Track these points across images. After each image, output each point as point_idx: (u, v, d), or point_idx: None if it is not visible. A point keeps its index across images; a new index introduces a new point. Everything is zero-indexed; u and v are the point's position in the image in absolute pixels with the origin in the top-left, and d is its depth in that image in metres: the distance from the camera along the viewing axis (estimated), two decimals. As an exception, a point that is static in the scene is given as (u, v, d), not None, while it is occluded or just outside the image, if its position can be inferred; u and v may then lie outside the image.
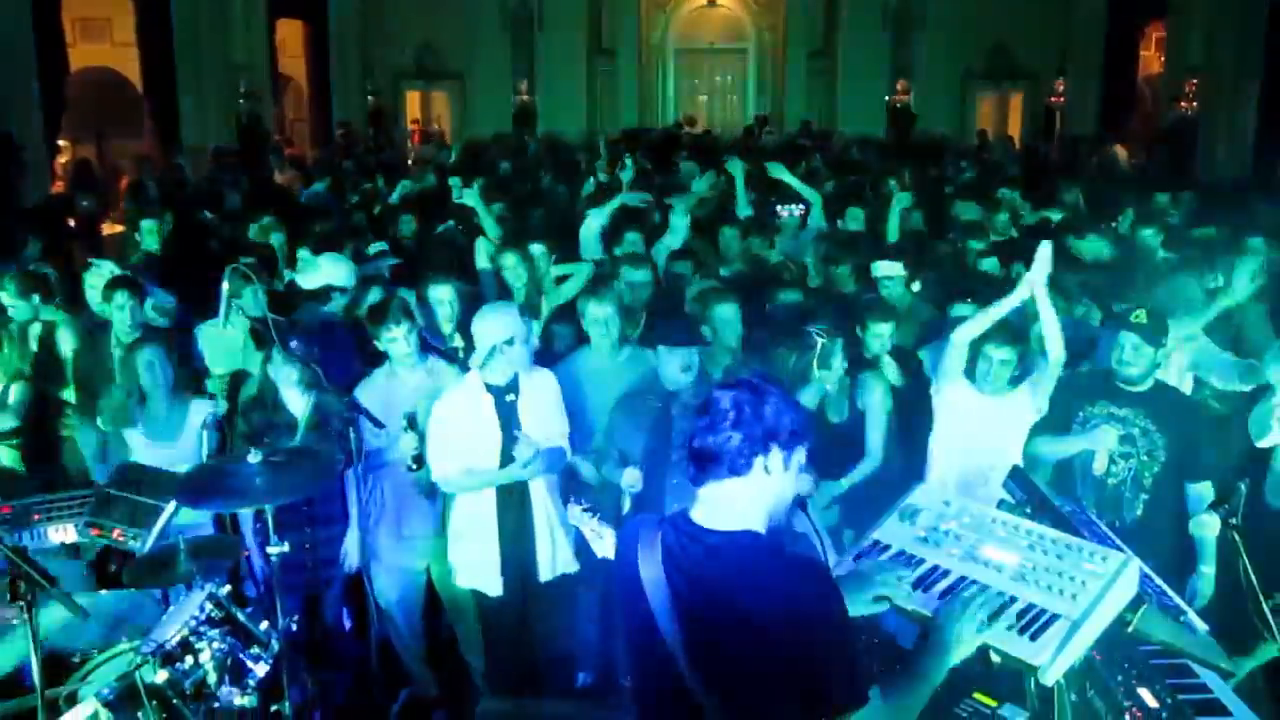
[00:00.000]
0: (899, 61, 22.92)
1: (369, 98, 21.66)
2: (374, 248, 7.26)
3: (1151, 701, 3.06)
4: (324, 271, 5.82)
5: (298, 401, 4.79)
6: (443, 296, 5.55)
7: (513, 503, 4.58)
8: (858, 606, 2.68)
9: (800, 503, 2.64)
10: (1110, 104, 18.83)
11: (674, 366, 4.46)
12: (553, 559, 4.66)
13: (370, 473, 4.80)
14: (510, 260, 6.16)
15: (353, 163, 13.99)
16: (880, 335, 5.23)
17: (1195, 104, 15.61)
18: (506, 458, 4.42)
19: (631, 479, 4.52)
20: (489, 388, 4.49)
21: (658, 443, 4.47)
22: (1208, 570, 4.40)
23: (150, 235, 7.59)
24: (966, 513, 3.11)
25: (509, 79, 23.39)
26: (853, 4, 22.70)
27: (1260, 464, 4.34)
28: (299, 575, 4.74)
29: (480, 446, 4.49)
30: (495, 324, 4.40)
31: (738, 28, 24.56)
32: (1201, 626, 2.93)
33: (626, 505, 4.73)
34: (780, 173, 8.20)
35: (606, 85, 23.87)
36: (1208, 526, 4.10)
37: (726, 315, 5.08)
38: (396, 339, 4.75)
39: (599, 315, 5.01)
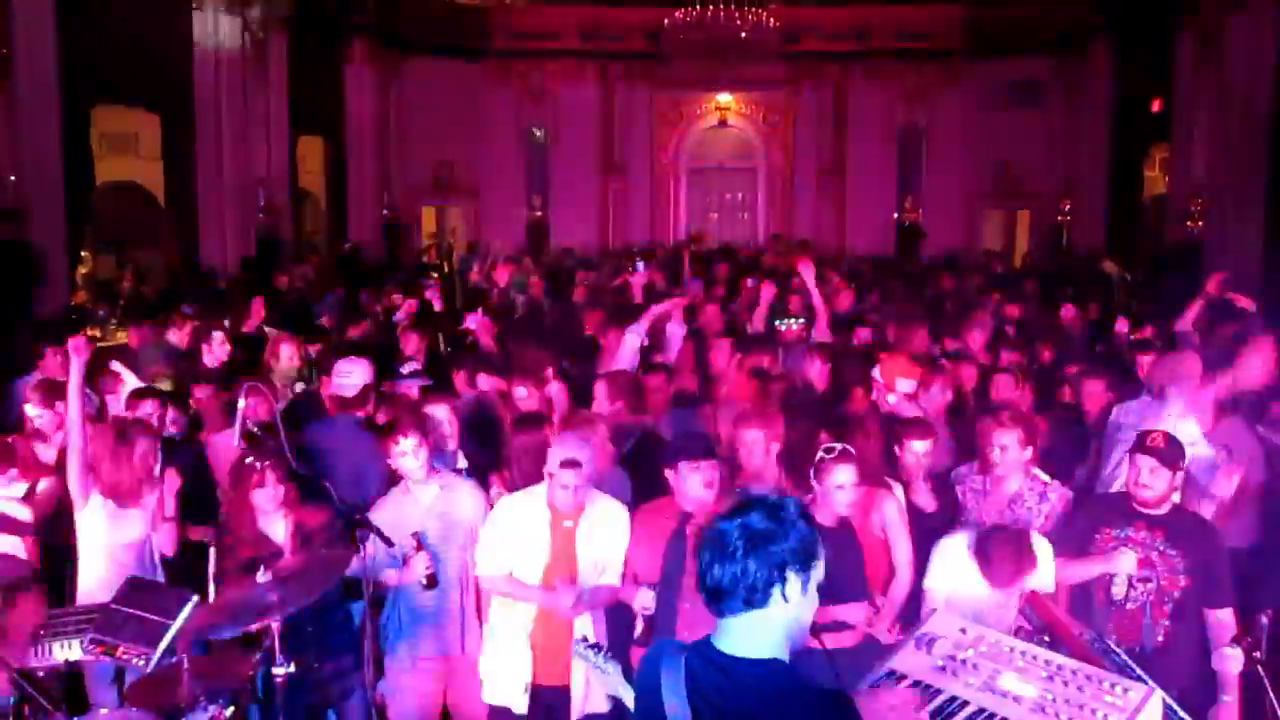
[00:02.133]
0: (906, 180, 23.34)
1: (385, 212, 22.04)
2: (407, 366, 7.29)
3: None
4: (359, 376, 5.83)
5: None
6: (440, 415, 5.58)
7: (552, 629, 4.54)
8: None
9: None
10: (1116, 222, 19.09)
11: (696, 483, 4.42)
12: (585, 695, 4.57)
13: (389, 594, 4.79)
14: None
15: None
16: (916, 453, 5.23)
17: (1200, 223, 15.81)
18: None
19: (644, 601, 4.47)
20: (552, 507, 4.51)
21: (672, 564, 4.41)
22: (1230, 699, 4.29)
23: None
24: (984, 641, 3.08)
25: (523, 195, 23.85)
26: (861, 123, 23.22)
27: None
28: (309, 696, 4.66)
29: (528, 561, 4.51)
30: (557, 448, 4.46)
31: (748, 147, 25.08)
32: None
33: (639, 628, 4.67)
34: (807, 275, 8.19)
35: (618, 201, 24.31)
36: (1231, 660, 4.02)
37: (754, 435, 5.06)
38: (406, 453, 4.75)
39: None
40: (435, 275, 14.82)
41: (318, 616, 4.33)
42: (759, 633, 2.35)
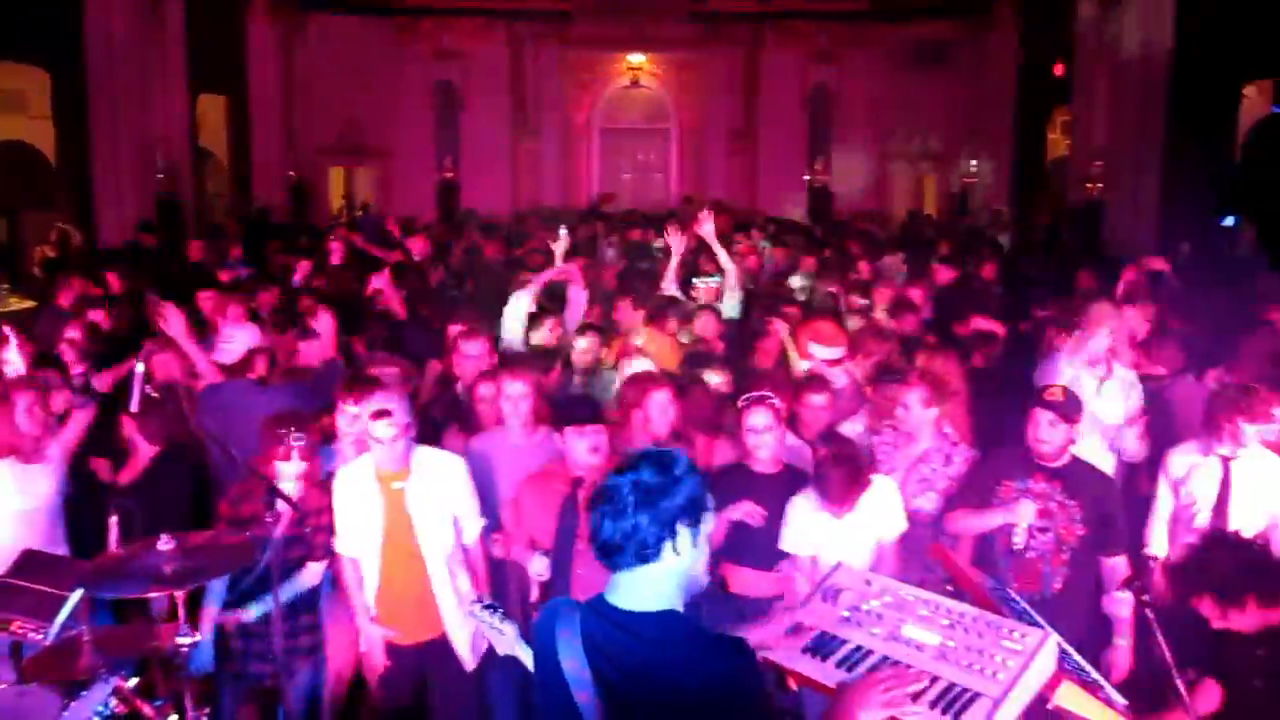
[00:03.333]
0: (817, 142, 23.51)
1: (290, 174, 21.53)
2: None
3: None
4: (239, 339, 5.76)
5: None
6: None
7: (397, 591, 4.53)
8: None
9: None
10: (1020, 184, 19.50)
11: (582, 448, 4.43)
12: (474, 649, 4.58)
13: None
14: None
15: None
16: (813, 407, 5.35)
17: (1100, 184, 16.21)
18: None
19: (539, 567, 4.48)
20: (376, 471, 4.45)
21: (565, 529, 4.43)
22: (1123, 643, 4.47)
23: None
24: (888, 592, 3.14)
25: (433, 157, 23.49)
26: (771, 85, 23.28)
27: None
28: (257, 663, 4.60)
29: (366, 530, 4.48)
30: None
31: (660, 108, 24.99)
32: (1120, 701, 2.96)
33: (534, 593, 4.68)
34: (710, 238, 8.21)
35: (530, 163, 24.06)
36: (1122, 604, 4.17)
37: (661, 400, 5.07)
38: (346, 415, 4.72)
39: (512, 393, 5.00)
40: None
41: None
42: (652, 586, 2.38)
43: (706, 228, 8.01)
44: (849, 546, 4.36)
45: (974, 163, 21.54)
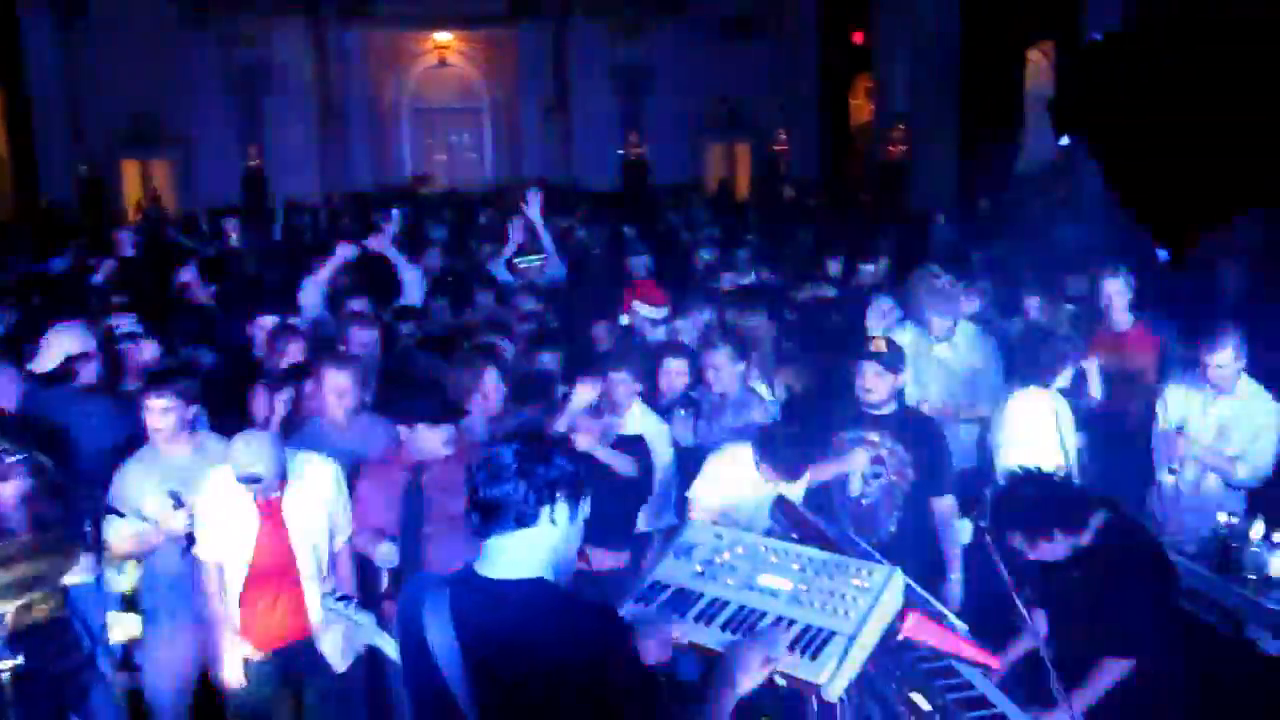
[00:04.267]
0: (631, 115, 23.65)
1: (81, 168, 20.29)
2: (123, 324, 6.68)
3: (924, 704, 3.23)
4: (56, 346, 5.38)
5: None
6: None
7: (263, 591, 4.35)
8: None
9: None
10: (828, 150, 20.11)
11: (435, 442, 4.36)
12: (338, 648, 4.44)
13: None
14: None
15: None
16: (670, 372, 5.44)
17: (903, 147, 16.89)
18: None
19: (387, 554, 4.39)
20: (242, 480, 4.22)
21: (410, 516, 4.37)
22: (956, 578, 4.71)
23: None
24: (740, 543, 3.20)
25: (236, 144, 22.55)
26: (581, 61, 23.27)
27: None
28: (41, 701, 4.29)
29: (238, 538, 4.27)
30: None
31: (471, 86, 24.70)
32: (962, 627, 3.11)
33: (384, 582, 4.58)
34: (536, 220, 8.20)
35: (339, 147, 23.39)
36: (963, 531, 4.39)
37: (493, 378, 5.01)
38: (153, 410, 4.45)
39: (338, 384, 4.88)
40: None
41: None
42: (525, 553, 2.37)
43: (532, 210, 7.99)
44: (759, 509, 4.43)
45: (783, 131, 22.08)
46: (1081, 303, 6.60)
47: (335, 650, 4.41)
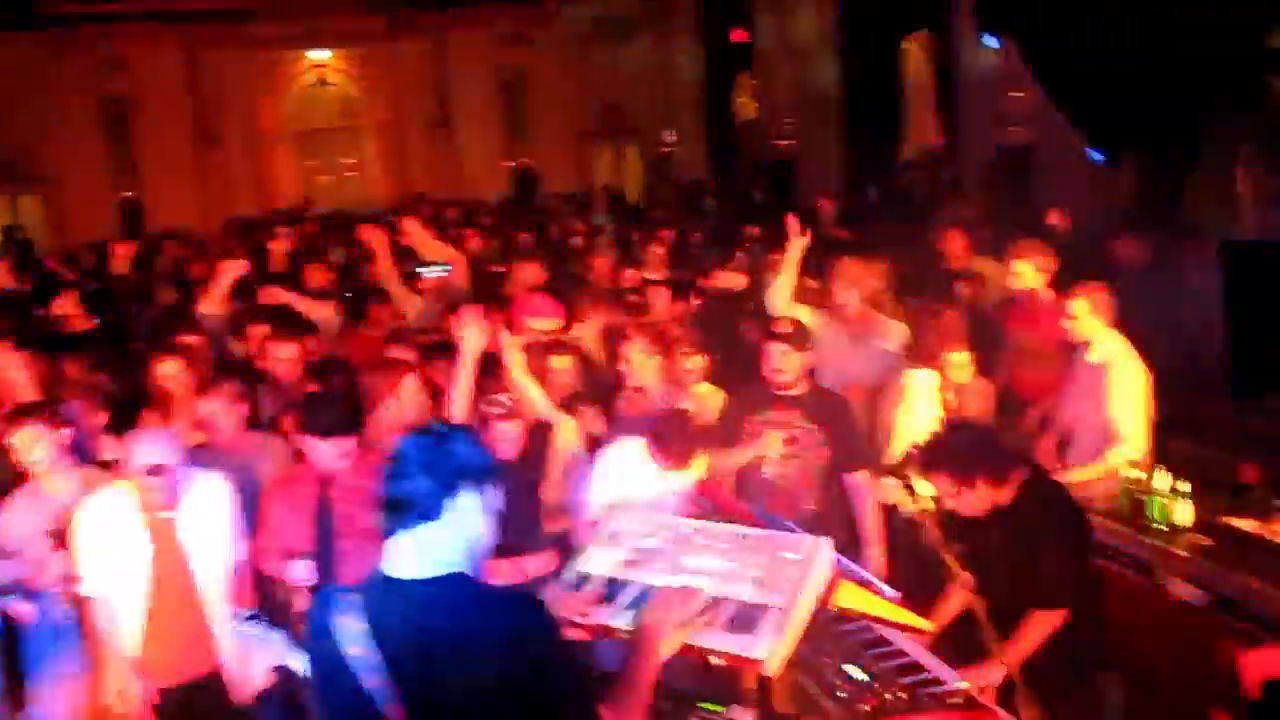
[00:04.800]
0: (517, 124, 23.52)
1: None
2: None
3: (859, 674, 3.22)
4: None
5: None
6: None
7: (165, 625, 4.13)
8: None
9: None
10: (715, 149, 20.25)
11: (328, 455, 4.22)
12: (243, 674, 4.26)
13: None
14: None
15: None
16: (557, 370, 5.36)
17: (789, 142, 17.10)
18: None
19: (302, 573, 4.23)
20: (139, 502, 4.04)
21: (324, 530, 4.22)
22: (876, 550, 4.75)
23: None
24: (666, 527, 3.16)
25: (109, 176, 21.76)
26: (462, 73, 23.06)
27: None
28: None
29: (129, 566, 4.04)
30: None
31: (353, 106, 24.27)
32: (891, 593, 3.11)
33: (299, 602, 4.42)
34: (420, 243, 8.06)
35: (218, 174, 22.75)
36: (892, 491, 4.42)
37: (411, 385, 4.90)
38: (26, 445, 4.23)
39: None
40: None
41: None
42: (435, 549, 2.30)
43: (414, 236, 7.87)
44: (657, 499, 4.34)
45: (670, 132, 22.18)
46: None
47: (244, 679, 4.24)
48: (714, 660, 2.71)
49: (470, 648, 2.17)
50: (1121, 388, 5.11)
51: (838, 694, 3.13)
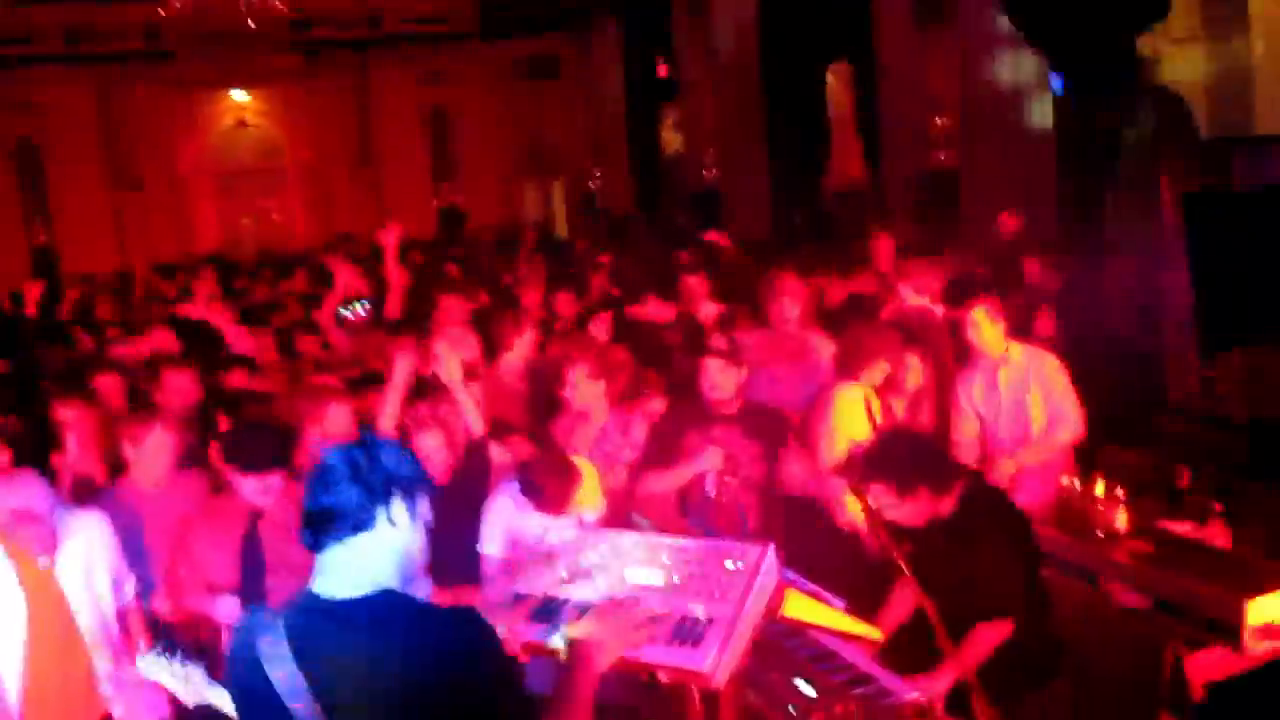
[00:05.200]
0: (442, 162, 23.39)
1: None
2: None
3: (809, 690, 3.12)
4: None
5: None
6: None
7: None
8: None
9: None
10: (641, 182, 20.30)
11: (257, 490, 4.06)
12: None
13: None
14: None
15: None
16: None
17: (715, 172, 17.19)
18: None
19: (230, 610, 4.04)
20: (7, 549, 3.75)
21: (250, 564, 4.04)
22: None
23: None
24: (604, 543, 3.04)
25: (19, 222, 21.15)
26: (387, 110, 22.91)
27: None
28: None
29: (8, 629, 3.75)
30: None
31: (273, 145, 23.94)
32: (839, 602, 3.03)
33: (227, 640, 4.21)
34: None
35: (137, 217, 22.24)
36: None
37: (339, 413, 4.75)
38: None
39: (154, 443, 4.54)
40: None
41: None
42: (366, 564, 2.17)
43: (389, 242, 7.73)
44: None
45: (596, 167, 22.22)
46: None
47: None
48: (659, 676, 2.60)
49: (405, 668, 2.04)
50: (1051, 378, 5.19)
51: (787, 709, 3.03)
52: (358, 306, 8.14)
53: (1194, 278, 5.69)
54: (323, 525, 2.17)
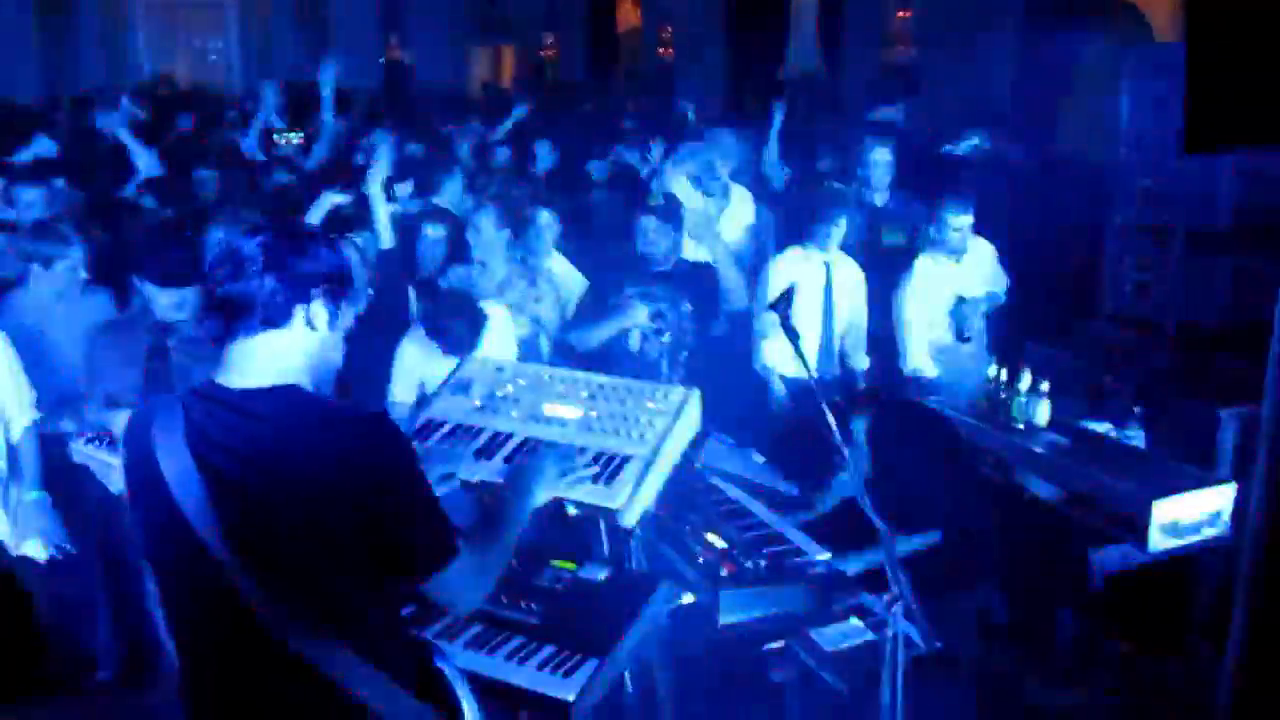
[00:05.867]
0: (391, 16, 22.51)
1: None
2: None
3: (719, 543, 3.07)
4: None
5: None
6: None
7: None
8: None
9: None
10: (595, 56, 19.77)
11: (169, 306, 3.84)
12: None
13: None
14: None
15: None
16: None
17: (671, 50, 16.78)
18: None
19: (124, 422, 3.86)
20: None
21: (154, 381, 3.84)
22: None
23: None
24: (522, 375, 2.93)
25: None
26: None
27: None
28: None
29: None
30: None
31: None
32: (759, 458, 2.96)
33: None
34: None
35: (65, 44, 21.13)
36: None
37: None
38: None
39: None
40: None
41: None
42: (275, 359, 2.00)
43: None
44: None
45: (549, 35, 21.59)
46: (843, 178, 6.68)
47: (39, 549, 3.87)
48: (568, 509, 2.52)
49: (309, 467, 1.88)
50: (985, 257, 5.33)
51: (696, 559, 2.98)
52: (291, 137, 7.85)
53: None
54: (229, 315, 1.98)
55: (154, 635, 3.94)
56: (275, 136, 7.73)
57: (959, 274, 5.27)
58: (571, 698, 2.37)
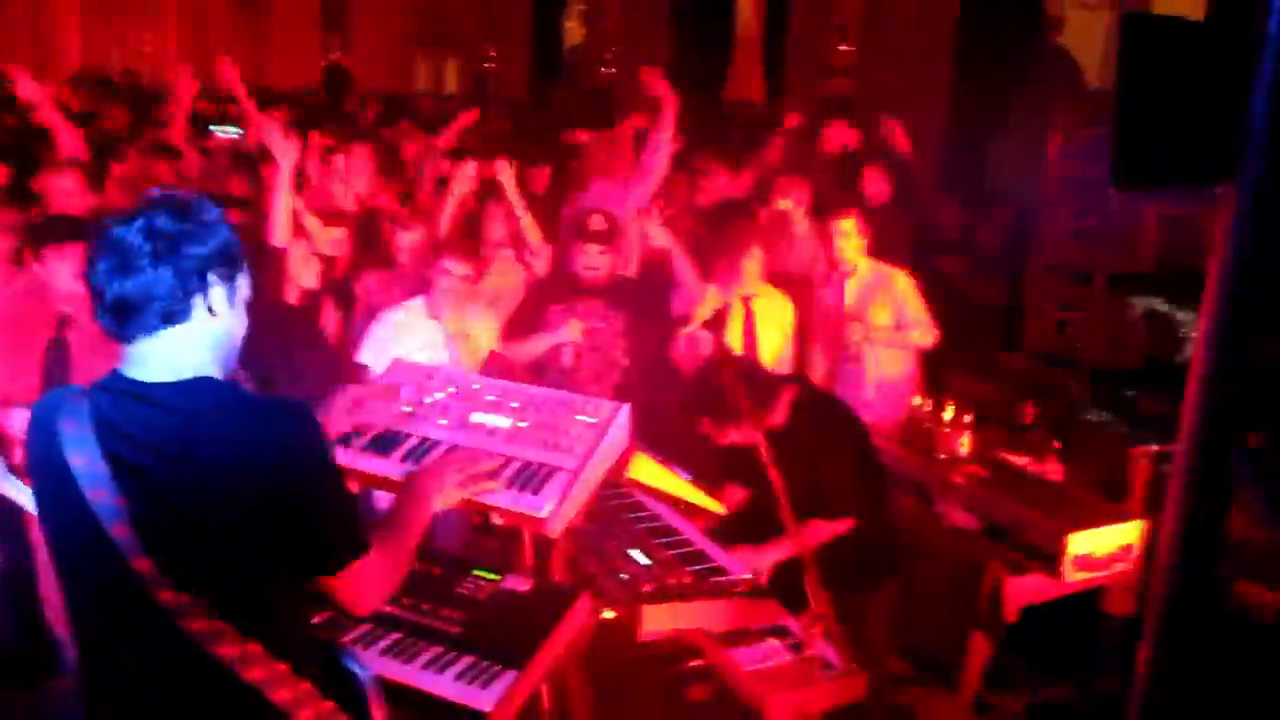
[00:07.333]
0: (335, 19, 22.33)
1: None
2: None
3: (643, 558, 3.07)
4: None
5: None
6: None
7: None
8: None
9: None
10: (539, 71, 19.76)
11: (64, 274, 3.71)
12: None
13: None
14: None
15: None
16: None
17: (614, 69, 16.86)
18: None
19: (21, 423, 3.73)
20: None
21: (53, 378, 3.75)
22: None
23: None
24: (452, 383, 2.92)
25: None
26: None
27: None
28: None
29: None
30: None
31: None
32: (685, 473, 2.98)
33: (17, 455, 3.92)
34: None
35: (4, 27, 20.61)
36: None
37: None
38: None
39: None
40: None
41: None
42: (181, 353, 1.93)
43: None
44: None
45: (493, 48, 21.53)
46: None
47: None
48: (494, 518, 2.51)
49: (221, 458, 1.83)
50: (903, 292, 5.28)
51: (619, 574, 2.98)
52: (224, 130, 7.76)
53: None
54: (124, 318, 1.90)
55: (51, 633, 3.83)
56: (212, 128, 7.64)
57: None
58: (489, 709, 2.35)
